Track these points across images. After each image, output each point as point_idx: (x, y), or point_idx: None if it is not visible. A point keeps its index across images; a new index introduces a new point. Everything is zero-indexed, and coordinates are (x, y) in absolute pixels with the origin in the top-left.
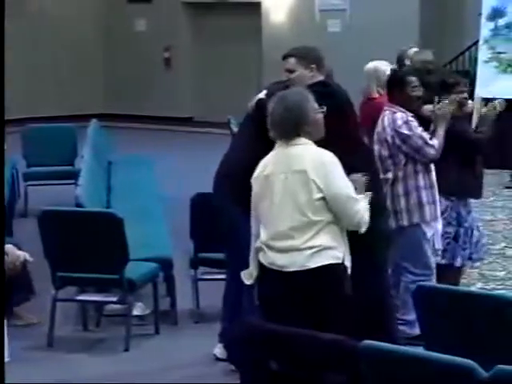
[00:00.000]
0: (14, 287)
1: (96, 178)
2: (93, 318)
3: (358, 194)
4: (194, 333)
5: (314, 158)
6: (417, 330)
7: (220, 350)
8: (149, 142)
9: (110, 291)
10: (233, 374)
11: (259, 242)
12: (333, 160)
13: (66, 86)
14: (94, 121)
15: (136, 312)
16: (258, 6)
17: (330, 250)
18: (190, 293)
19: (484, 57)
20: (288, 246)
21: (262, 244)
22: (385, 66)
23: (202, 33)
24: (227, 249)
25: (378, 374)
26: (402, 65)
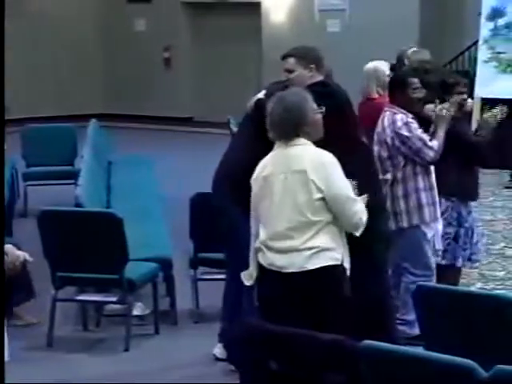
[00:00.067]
0: (14, 287)
1: (96, 178)
2: (92, 318)
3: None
4: (193, 333)
5: (314, 158)
6: (417, 330)
7: (220, 350)
8: (148, 142)
9: (110, 291)
10: (232, 374)
11: (258, 242)
12: (332, 160)
13: (66, 85)
14: (93, 121)
15: (136, 312)
16: (257, 6)
17: (329, 251)
18: (189, 293)
19: (484, 57)
20: (287, 246)
21: (260, 244)
22: (384, 66)
23: (201, 33)
24: (227, 249)
25: (377, 374)
26: (401, 65)
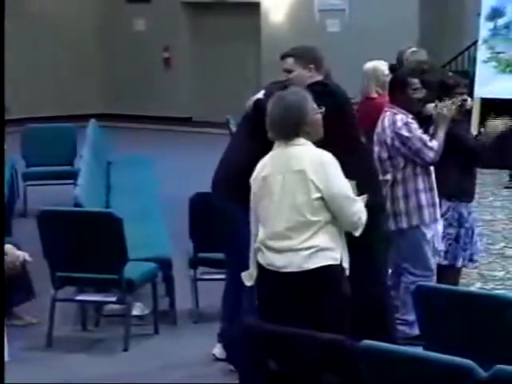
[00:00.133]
0: (14, 287)
1: (95, 178)
2: (92, 318)
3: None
4: (193, 333)
5: (313, 158)
6: (416, 330)
7: (219, 350)
8: (148, 141)
9: (109, 291)
10: (232, 373)
11: (257, 242)
12: (332, 160)
13: (66, 85)
14: (92, 121)
15: (135, 312)
16: (257, 6)
17: (328, 251)
18: (189, 293)
19: (483, 57)
20: (285, 246)
21: (259, 244)
22: (383, 65)
23: (201, 33)
24: (226, 249)
25: (377, 374)
26: (401, 65)
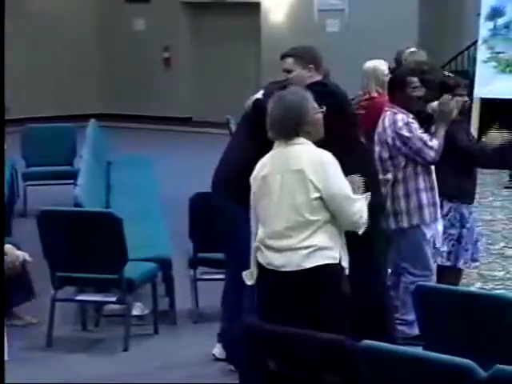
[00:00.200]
0: (14, 287)
1: (95, 178)
2: (92, 318)
3: (356, 194)
4: (193, 333)
5: (313, 157)
6: (416, 330)
7: (219, 350)
8: (148, 141)
9: (109, 291)
10: (232, 373)
11: (257, 241)
12: (331, 160)
13: (66, 85)
14: (92, 121)
15: (135, 312)
16: (257, 6)
17: (327, 250)
18: (189, 293)
19: (483, 56)
20: (284, 245)
21: (259, 243)
22: (383, 65)
23: (201, 33)
24: (226, 249)
25: (377, 374)
26: (399, 66)
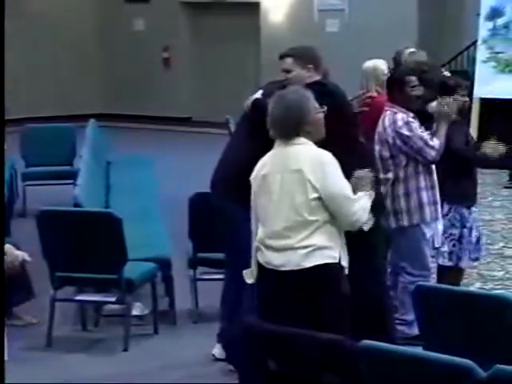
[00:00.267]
0: (13, 287)
1: (95, 178)
2: (91, 318)
3: (364, 190)
4: (192, 333)
5: (312, 157)
6: (415, 330)
7: (219, 350)
8: (147, 141)
9: (109, 291)
10: (231, 373)
11: (256, 241)
12: (331, 160)
13: (66, 85)
14: (92, 121)
15: (135, 312)
16: (256, 6)
17: (326, 249)
18: (188, 293)
19: (482, 57)
20: (283, 245)
21: (258, 243)
22: (383, 64)
23: (200, 33)
24: (226, 249)
25: (377, 374)
26: (398, 66)
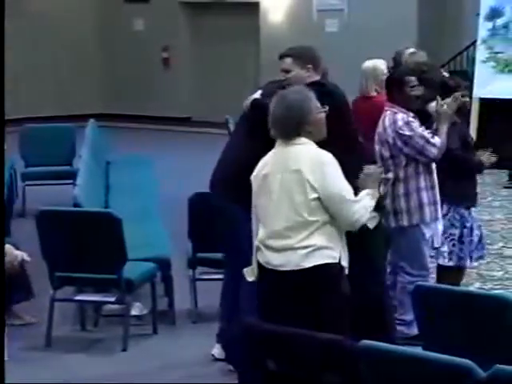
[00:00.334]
0: (13, 287)
1: (94, 178)
2: (91, 318)
3: (372, 187)
4: (192, 333)
5: (311, 157)
6: (415, 330)
7: (218, 350)
8: (147, 141)
9: (108, 291)
10: (231, 373)
11: (257, 241)
12: (330, 160)
13: (66, 85)
14: (91, 121)
15: (134, 312)
16: (256, 6)
17: (326, 249)
18: (188, 293)
19: (482, 57)
20: (283, 245)
21: (259, 243)
22: (382, 64)
23: (200, 33)
24: (225, 249)
25: (377, 374)
26: (398, 66)
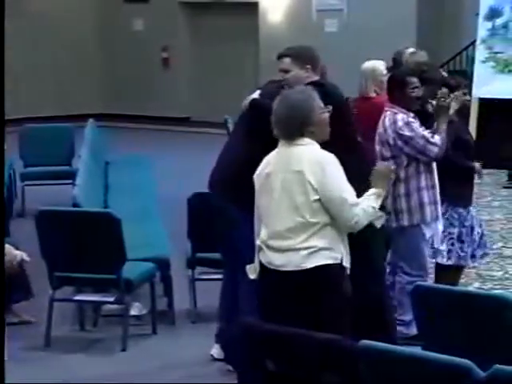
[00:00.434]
0: (12, 287)
1: (93, 178)
2: (90, 318)
3: (380, 186)
4: (191, 333)
5: (313, 159)
6: (414, 330)
7: (217, 350)
8: (146, 141)
9: (108, 291)
10: (230, 374)
11: (259, 241)
12: (333, 162)
13: (66, 85)
14: (90, 121)
15: (133, 312)
16: (255, 6)
17: (327, 250)
18: (187, 293)
19: (481, 57)
20: (285, 245)
21: (261, 243)
22: (382, 65)
23: (199, 33)
24: (223, 249)
25: (376, 374)
26: (398, 66)
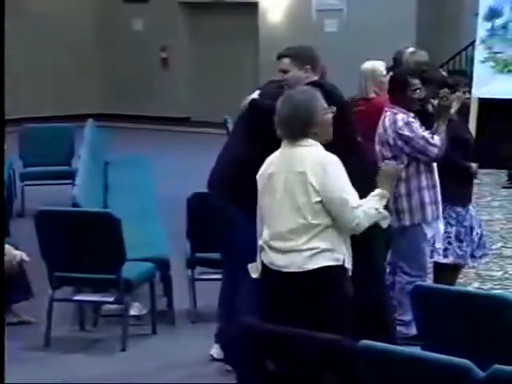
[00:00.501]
0: (12, 287)
1: (93, 178)
2: (90, 318)
3: (385, 187)
4: (190, 333)
5: (315, 160)
6: (413, 330)
7: (217, 350)
8: (146, 141)
9: (107, 291)
10: (229, 374)
11: (261, 241)
12: (335, 163)
13: (66, 85)
14: (90, 121)
15: (133, 312)
16: (255, 6)
17: (330, 252)
18: (187, 293)
19: (480, 57)
20: (287, 247)
21: (263, 243)
22: (381, 66)
23: (198, 33)
24: (223, 249)
25: (376, 374)
26: (398, 66)
